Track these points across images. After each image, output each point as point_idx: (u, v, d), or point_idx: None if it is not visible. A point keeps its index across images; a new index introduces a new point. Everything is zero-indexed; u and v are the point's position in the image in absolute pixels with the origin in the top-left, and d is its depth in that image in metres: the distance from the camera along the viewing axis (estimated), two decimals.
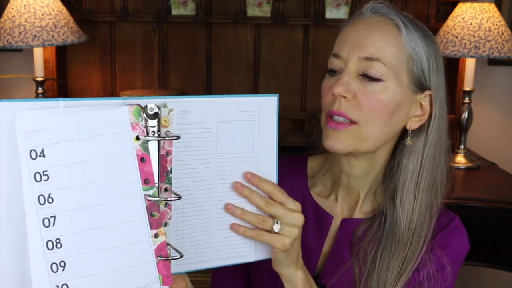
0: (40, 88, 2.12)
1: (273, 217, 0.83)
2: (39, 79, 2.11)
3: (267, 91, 2.45)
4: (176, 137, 0.76)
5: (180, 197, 0.77)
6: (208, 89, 2.45)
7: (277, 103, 0.84)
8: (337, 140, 0.94)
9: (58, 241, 0.70)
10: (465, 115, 2.18)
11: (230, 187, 0.82)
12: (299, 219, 0.83)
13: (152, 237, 0.75)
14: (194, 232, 0.81)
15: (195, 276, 0.96)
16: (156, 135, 0.75)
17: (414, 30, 0.96)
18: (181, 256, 0.78)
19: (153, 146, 0.75)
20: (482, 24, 2.07)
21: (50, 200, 0.70)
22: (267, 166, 0.85)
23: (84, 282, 0.72)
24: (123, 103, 0.73)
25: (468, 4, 2.11)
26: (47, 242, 0.70)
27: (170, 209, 0.79)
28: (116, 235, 0.73)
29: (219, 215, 0.82)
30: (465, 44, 2.06)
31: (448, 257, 0.98)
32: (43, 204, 0.69)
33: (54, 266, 0.70)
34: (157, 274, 0.76)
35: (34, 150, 0.69)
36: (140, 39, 2.43)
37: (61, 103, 0.70)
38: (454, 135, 2.32)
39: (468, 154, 2.21)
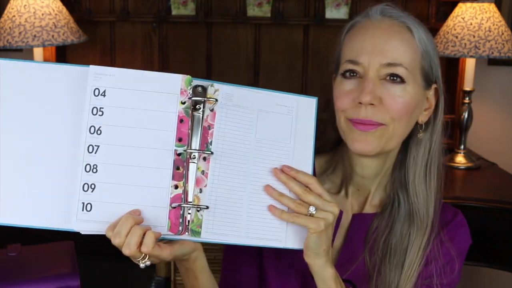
0: None
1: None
2: None
3: None
4: (215, 100, 0.86)
5: (205, 159, 0.86)
6: None
7: (315, 104, 0.93)
8: (366, 143, 0.96)
9: (95, 166, 0.82)
10: (465, 115, 2.18)
11: (266, 170, 0.89)
12: (335, 209, 0.87)
13: (171, 186, 0.84)
14: (227, 205, 0.87)
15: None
16: (201, 110, 0.86)
17: (421, 30, 0.99)
18: (207, 207, 0.86)
19: (197, 118, 0.86)
20: (482, 24, 2.07)
21: (99, 132, 0.83)
22: (303, 161, 0.91)
23: (106, 207, 0.82)
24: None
25: (468, 4, 2.11)
26: (86, 165, 0.82)
27: (207, 177, 0.86)
28: (144, 176, 0.84)
29: (253, 195, 0.88)
30: (465, 44, 2.06)
31: (456, 250, 1.02)
32: (92, 134, 0.83)
33: (86, 186, 0.82)
34: (167, 220, 0.84)
35: (98, 89, 0.83)
36: (140, 39, 2.43)
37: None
38: (454, 135, 2.32)
39: (468, 154, 2.21)
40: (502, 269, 1.94)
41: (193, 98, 0.85)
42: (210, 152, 0.86)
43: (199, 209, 0.85)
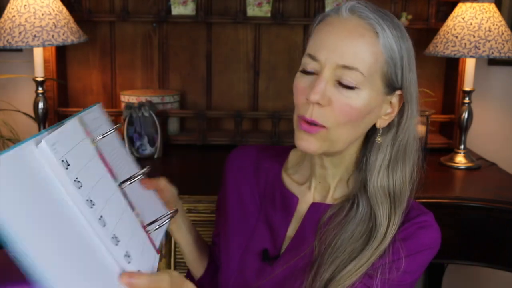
0: (40, 88, 2.12)
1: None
2: (39, 79, 2.11)
3: (267, 91, 2.46)
4: (114, 128, 0.91)
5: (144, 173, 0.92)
6: (208, 89, 2.45)
7: (101, 107, 0.97)
8: (309, 143, 0.97)
9: (114, 236, 0.72)
10: (465, 115, 2.18)
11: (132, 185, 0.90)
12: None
13: (136, 216, 0.84)
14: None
15: None
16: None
17: (390, 33, 0.95)
18: (175, 211, 0.96)
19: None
20: (482, 24, 2.07)
21: (92, 203, 0.71)
22: (127, 154, 1.01)
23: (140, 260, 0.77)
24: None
25: (468, 4, 2.11)
26: (111, 239, 0.72)
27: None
28: (128, 219, 0.80)
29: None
30: (465, 44, 2.06)
31: (406, 251, 0.97)
32: (91, 208, 0.70)
33: (127, 259, 0.73)
34: (151, 246, 0.85)
35: (63, 160, 0.69)
36: (140, 39, 2.43)
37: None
38: (454, 135, 2.32)
39: (468, 154, 2.21)
40: (502, 269, 1.94)
41: (100, 138, 0.84)
42: (141, 175, 0.90)
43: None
